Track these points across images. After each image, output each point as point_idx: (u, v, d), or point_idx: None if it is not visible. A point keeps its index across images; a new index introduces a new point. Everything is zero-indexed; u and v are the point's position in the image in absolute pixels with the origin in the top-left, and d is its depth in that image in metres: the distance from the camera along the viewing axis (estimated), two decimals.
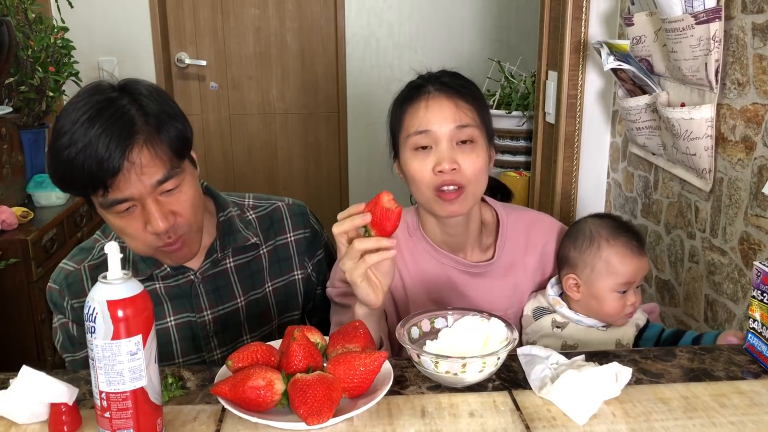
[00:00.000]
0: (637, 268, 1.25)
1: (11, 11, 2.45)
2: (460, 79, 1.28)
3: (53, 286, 1.29)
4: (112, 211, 1.13)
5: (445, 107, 1.21)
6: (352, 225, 1.05)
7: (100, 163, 1.07)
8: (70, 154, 1.08)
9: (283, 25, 3.80)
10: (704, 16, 1.58)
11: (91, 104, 1.10)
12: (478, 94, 1.27)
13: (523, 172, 2.93)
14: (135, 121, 1.10)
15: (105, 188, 1.09)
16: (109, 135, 1.07)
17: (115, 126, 1.08)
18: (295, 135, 3.96)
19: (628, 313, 1.26)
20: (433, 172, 1.20)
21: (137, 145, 1.09)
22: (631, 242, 1.25)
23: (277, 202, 1.40)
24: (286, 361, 0.92)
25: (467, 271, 1.32)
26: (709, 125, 1.67)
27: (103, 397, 0.83)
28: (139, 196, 1.11)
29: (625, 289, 1.25)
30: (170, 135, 1.13)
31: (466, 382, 0.98)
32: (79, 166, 1.08)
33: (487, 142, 1.25)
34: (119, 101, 1.11)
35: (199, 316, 1.30)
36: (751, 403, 0.96)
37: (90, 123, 1.08)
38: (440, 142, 1.20)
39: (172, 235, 1.16)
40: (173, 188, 1.14)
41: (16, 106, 2.48)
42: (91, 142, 1.07)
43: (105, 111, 1.09)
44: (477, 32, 3.84)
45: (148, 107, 1.12)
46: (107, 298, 0.80)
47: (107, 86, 1.14)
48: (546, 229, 1.37)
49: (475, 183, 1.22)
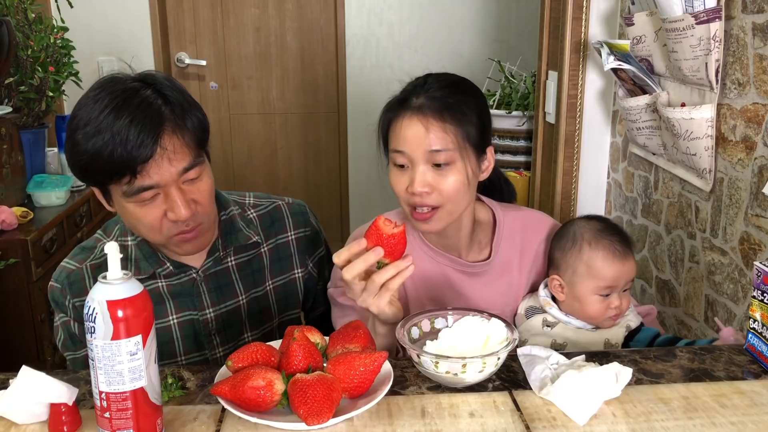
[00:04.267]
0: (619, 272, 1.22)
1: (11, 11, 2.45)
2: (451, 93, 1.20)
3: (55, 284, 1.29)
4: (135, 200, 1.14)
5: (419, 132, 1.17)
6: (366, 265, 1.04)
7: (132, 150, 1.08)
8: (97, 142, 1.09)
9: (283, 25, 3.80)
10: (704, 16, 1.58)
11: (114, 95, 1.11)
12: (466, 108, 1.19)
13: (523, 172, 2.93)
14: (162, 109, 1.12)
15: (133, 175, 1.10)
16: (139, 123, 1.09)
17: (145, 114, 1.10)
18: (295, 135, 3.96)
19: (613, 315, 1.24)
20: (406, 190, 1.20)
21: (167, 132, 1.11)
22: (614, 245, 1.23)
23: (277, 200, 1.41)
24: (286, 361, 0.92)
25: (464, 271, 1.32)
26: (710, 125, 1.67)
27: (103, 397, 0.83)
28: (165, 183, 1.13)
29: (607, 293, 1.23)
30: (194, 124, 1.16)
31: (466, 382, 0.98)
32: (107, 154, 1.09)
33: (472, 159, 1.20)
34: (143, 91, 1.13)
35: (201, 314, 1.30)
36: (752, 403, 0.96)
37: (117, 112, 1.09)
38: (415, 164, 1.18)
39: (190, 224, 1.18)
40: (195, 177, 1.17)
41: (16, 106, 2.48)
42: (121, 131, 1.08)
43: (130, 100, 1.11)
44: (477, 32, 3.83)
45: (171, 97, 1.14)
46: (107, 299, 0.80)
47: (126, 78, 1.16)
48: (541, 229, 1.37)
49: (452, 202, 1.20)
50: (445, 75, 1.25)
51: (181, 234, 1.19)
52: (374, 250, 1.03)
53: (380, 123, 1.26)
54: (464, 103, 1.20)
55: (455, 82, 1.24)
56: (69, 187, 2.53)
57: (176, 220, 1.15)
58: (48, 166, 2.67)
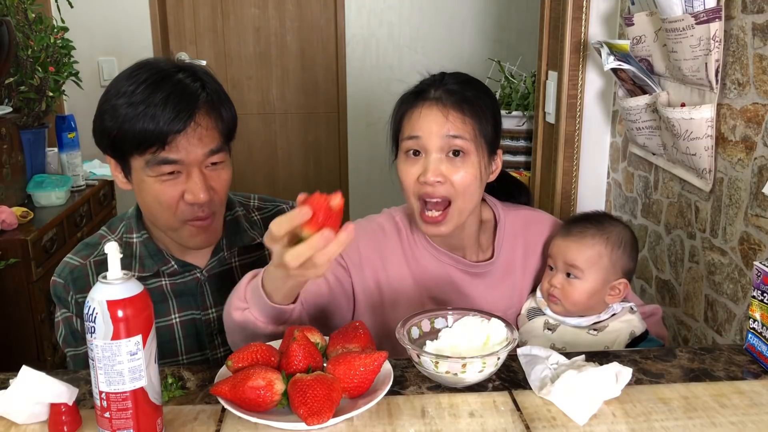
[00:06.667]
0: (560, 246, 1.27)
1: (11, 11, 2.44)
2: (469, 88, 1.22)
3: (58, 280, 1.29)
4: (156, 172, 1.15)
5: (438, 117, 1.18)
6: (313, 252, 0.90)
7: (165, 124, 1.10)
8: (130, 113, 1.11)
9: (283, 25, 3.80)
10: (704, 16, 1.58)
11: (151, 74, 1.14)
12: (483, 105, 1.21)
13: (523, 172, 2.93)
14: (199, 92, 1.15)
15: (162, 145, 1.12)
16: (176, 98, 1.12)
17: (181, 92, 1.13)
18: (295, 135, 3.96)
19: (551, 294, 1.27)
20: (417, 180, 1.19)
21: (202, 111, 1.15)
22: (569, 226, 1.29)
23: (281, 204, 1.43)
24: (286, 361, 0.92)
25: (467, 271, 1.32)
26: (709, 125, 1.67)
27: (103, 397, 0.83)
28: (189, 161, 1.15)
29: (551, 266, 1.29)
30: (227, 114, 1.20)
31: (466, 382, 0.98)
32: (140, 123, 1.10)
33: (485, 155, 1.21)
34: (180, 74, 1.16)
35: (204, 314, 1.31)
36: (751, 403, 0.96)
37: (153, 88, 1.12)
38: (429, 152, 1.18)
39: (205, 209, 1.19)
40: (219, 162, 1.19)
41: (16, 106, 2.48)
42: (157, 104, 1.10)
43: (167, 80, 1.13)
44: (477, 32, 3.83)
45: (208, 84, 1.18)
46: (107, 298, 0.80)
47: (163, 61, 1.18)
48: (543, 228, 1.37)
49: (463, 197, 1.19)
50: (460, 74, 1.27)
51: (195, 220, 1.19)
52: (321, 235, 0.89)
53: (394, 114, 1.26)
54: (481, 99, 1.23)
55: (471, 80, 1.27)
56: (69, 187, 2.53)
57: (193, 203, 1.17)
58: (48, 166, 2.67)
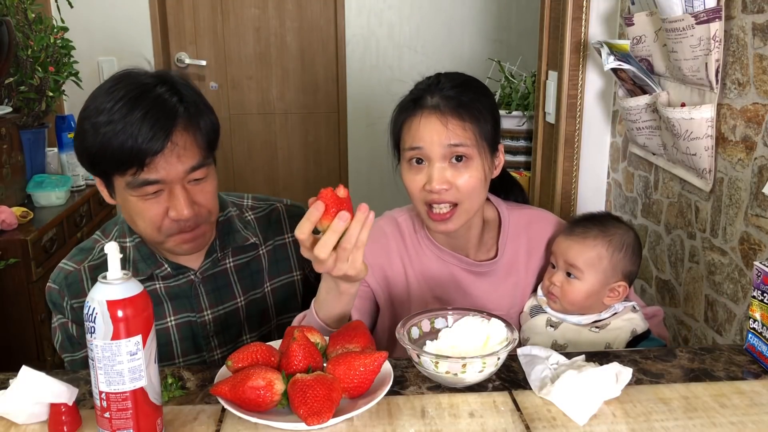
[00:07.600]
0: (561, 245, 1.28)
1: (11, 11, 2.45)
2: (465, 91, 1.22)
3: (53, 286, 1.28)
4: (138, 193, 1.14)
5: (438, 127, 1.18)
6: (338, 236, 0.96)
7: (142, 143, 1.09)
8: (108, 132, 1.09)
9: (283, 25, 3.80)
10: (704, 16, 1.58)
11: (129, 88, 1.12)
12: (481, 106, 1.21)
13: (523, 172, 2.93)
14: (177, 107, 1.13)
15: (140, 167, 1.10)
16: (153, 117, 1.10)
17: (159, 109, 1.11)
18: (295, 135, 3.96)
19: (551, 292, 1.28)
20: (423, 188, 1.20)
21: (179, 129, 1.12)
22: (573, 226, 1.30)
23: (275, 203, 1.41)
24: (286, 361, 0.92)
25: (471, 270, 1.32)
26: (710, 125, 1.67)
27: (103, 397, 0.83)
28: (170, 179, 1.13)
29: (552, 263, 1.30)
30: (206, 125, 1.18)
31: (466, 382, 0.98)
32: (117, 144, 1.09)
33: (487, 155, 1.22)
34: (159, 88, 1.13)
35: (199, 316, 1.30)
36: (752, 403, 0.96)
37: (131, 105, 1.10)
38: (432, 161, 1.19)
39: (191, 224, 1.18)
40: (201, 178, 1.17)
41: (15, 106, 2.48)
42: (134, 123, 1.09)
43: (146, 95, 1.11)
44: (477, 32, 3.83)
45: (186, 96, 1.16)
46: (107, 298, 0.80)
47: (141, 73, 1.16)
48: (547, 228, 1.37)
49: (469, 199, 1.21)
50: (456, 74, 1.26)
51: (181, 234, 1.18)
52: (338, 218, 0.95)
53: (393, 124, 1.26)
54: (478, 101, 1.22)
55: (467, 81, 1.26)
56: (69, 187, 2.53)
57: (177, 219, 1.15)
58: (48, 166, 2.67)
